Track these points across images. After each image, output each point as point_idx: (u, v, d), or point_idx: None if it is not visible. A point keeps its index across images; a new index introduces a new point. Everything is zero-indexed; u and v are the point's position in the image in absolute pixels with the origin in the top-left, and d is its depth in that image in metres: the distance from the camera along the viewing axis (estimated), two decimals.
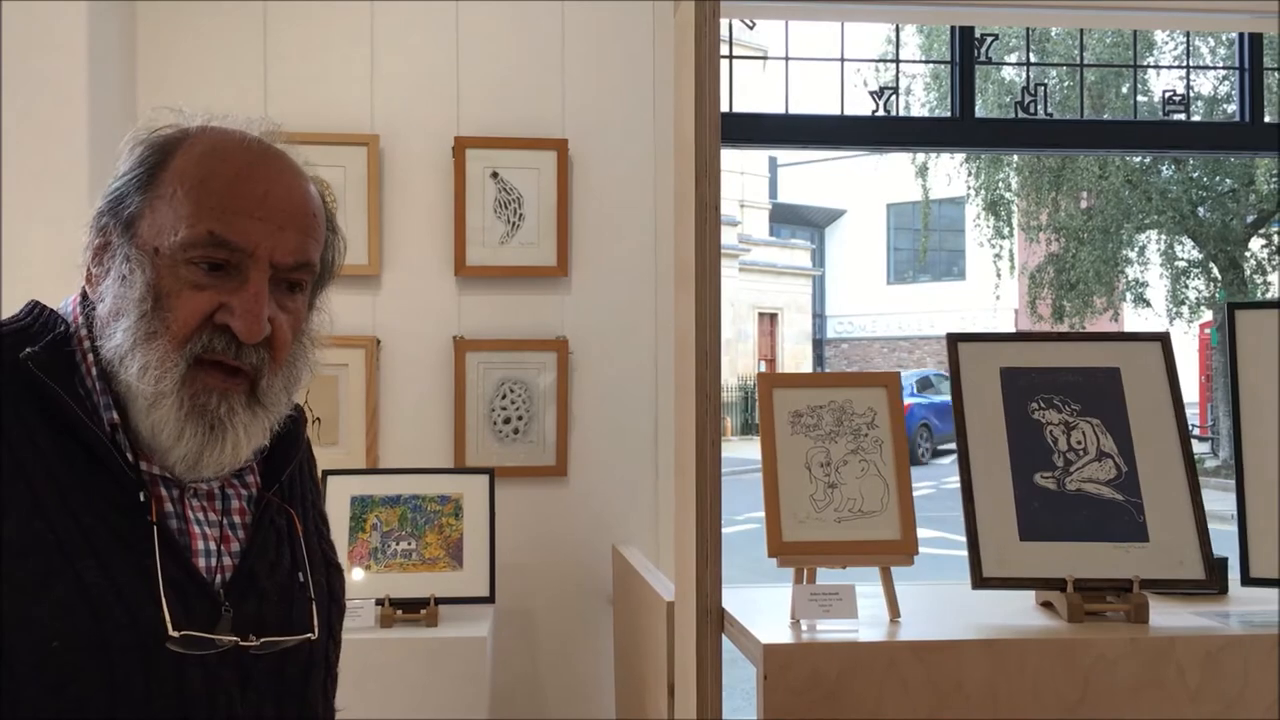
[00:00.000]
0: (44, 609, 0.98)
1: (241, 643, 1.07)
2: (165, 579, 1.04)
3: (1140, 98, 12.14)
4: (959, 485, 1.72)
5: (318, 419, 2.89)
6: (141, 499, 1.06)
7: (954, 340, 1.81)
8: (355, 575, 2.56)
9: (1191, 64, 10.55)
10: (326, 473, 2.64)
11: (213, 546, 1.12)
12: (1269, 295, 16.01)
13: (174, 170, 1.09)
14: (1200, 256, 17.10)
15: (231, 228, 1.07)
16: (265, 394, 1.11)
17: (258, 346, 1.09)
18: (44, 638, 0.98)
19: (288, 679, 1.14)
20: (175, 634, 1.02)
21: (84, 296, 1.13)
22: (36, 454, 1.03)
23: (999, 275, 18.44)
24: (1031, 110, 3.70)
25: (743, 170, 25.78)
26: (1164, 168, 16.44)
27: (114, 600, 1.01)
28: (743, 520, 10.10)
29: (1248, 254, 16.67)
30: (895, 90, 3.72)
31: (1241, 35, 3.66)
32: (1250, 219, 16.46)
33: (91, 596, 1.00)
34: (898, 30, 4.80)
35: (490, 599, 2.58)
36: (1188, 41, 5.82)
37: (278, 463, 1.21)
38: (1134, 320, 18.96)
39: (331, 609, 1.24)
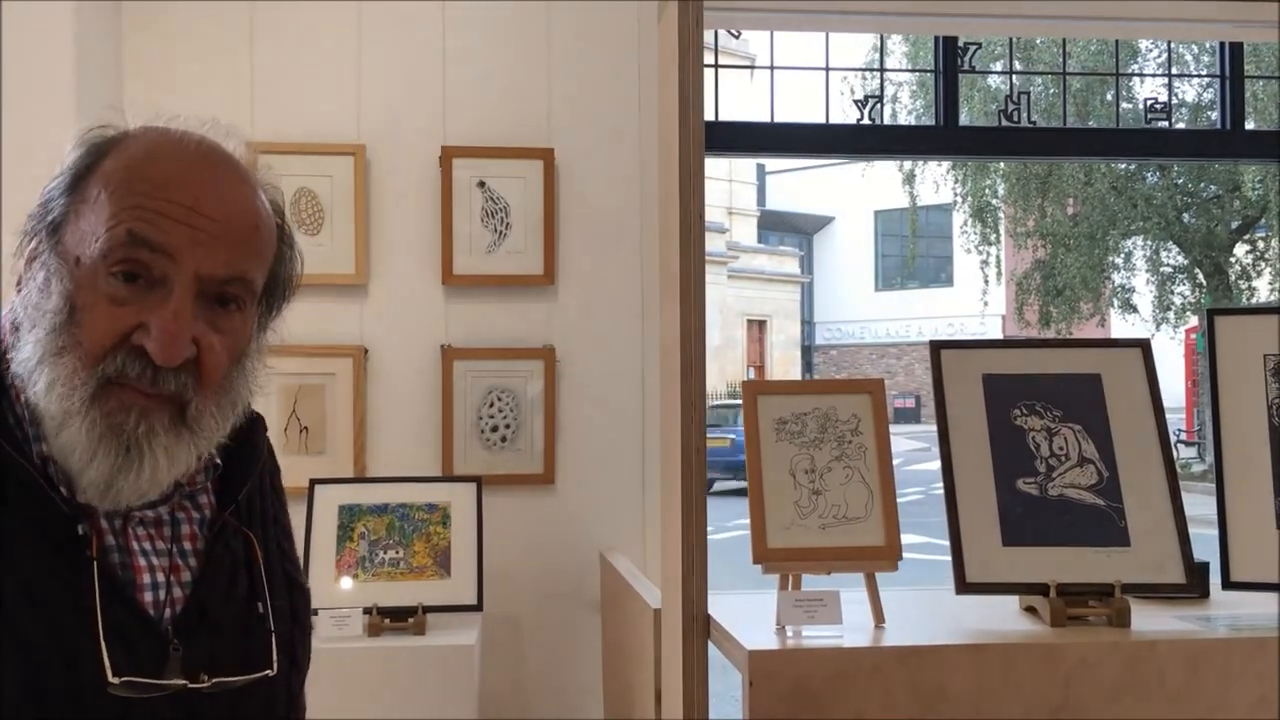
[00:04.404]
0: None
1: (190, 685, 1.00)
2: (107, 619, 0.96)
3: (1125, 104, 12.22)
4: (943, 492, 1.73)
5: (305, 428, 2.90)
6: (80, 533, 0.98)
7: (937, 347, 1.83)
8: (343, 584, 2.56)
9: (1175, 71, 10.62)
10: (314, 482, 2.64)
11: (161, 579, 1.04)
12: (1253, 300, 16.11)
13: (101, 172, 1.00)
14: (1185, 262, 17.23)
15: (153, 227, 0.97)
16: (195, 420, 1.01)
17: (178, 371, 0.98)
18: None
19: (244, 716, 1.07)
20: (115, 680, 0.95)
21: (14, 320, 1.03)
22: None
23: (986, 281, 18.54)
24: (1015, 118, 3.73)
25: (731, 177, 25.85)
26: (1149, 174, 16.55)
27: (49, 645, 0.95)
28: (731, 527, 10.11)
29: (1232, 259, 16.81)
30: (880, 99, 3.75)
31: (1223, 44, 3.69)
32: (1234, 225, 16.59)
33: (26, 642, 0.94)
34: (882, 39, 4.83)
35: (478, 607, 2.58)
36: (1169, 50, 5.86)
37: (234, 481, 1.12)
38: (1120, 326, 19.07)
39: (294, 632, 1.16)
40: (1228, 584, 1.72)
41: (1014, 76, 4.80)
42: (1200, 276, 17.00)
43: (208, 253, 0.99)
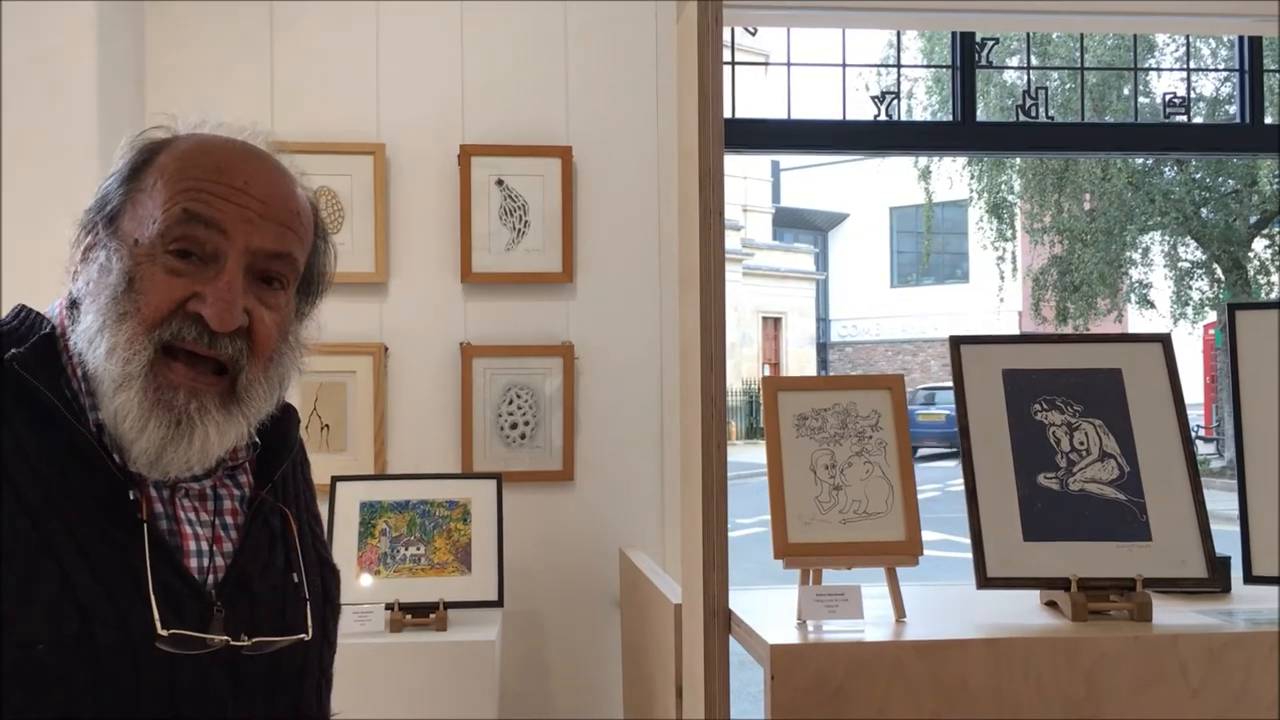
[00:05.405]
0: (29, 610, 0.97)
1: (233, 643, 1.06)
2: (155, 580, 1.02)
3: (1142, 99, 12.15)
4: (963, 488, 1.74)
5: (326, 425, 2.92)
6: (131, 497, 1.04)
7: (956, 343, 1.83)
8: (364, 580, 2.58)
9: (1192, 66, 10.56)
10: (335, 479, 2.66)
11: (205, 547, 1.11)
12: (1272, 295, 16.01)
13: (157, 165, 1.10)
14: (1204, 257, 17.12)
15: (207, 206, 1.06)
16: (246, 390, 1.09)
17: (233, 337, 1.07)
18: (30, 639, 0.97)
19: (281, 680, 1.13)
20: (164, 633, 1.01)
21: (71, 300, 1.11)
22: (23, 455, 1.01)
23: (1002, 278, 18.46)
24: (1032, 113, 3.72)
25: (745, 175, 25.81)
26: (1166, 169, 16.45)
27: (102, 601, 1.00)
28: (750, 524, 10.11)
29: (1251, 254, 16.69)
30: (896, 95, 3.74)
31: (1241, 37, 3.67)
32: (1253, 220, 16.48)
33: (79, 597, 0.99)
34: (899, 35, 4.82)
35: (498, 603, 2.60)
36: (1187, 44, 5.84)
37: (271, 462, 1.20)
38: (1138, 322, 18.96)
39: (326, 609, 1.22)
40: (1249, 578, 1.72)
41: (1031, 72, 4.78)
42: (1219, 272, 16.89)
43: (257, 229, 1.09)
